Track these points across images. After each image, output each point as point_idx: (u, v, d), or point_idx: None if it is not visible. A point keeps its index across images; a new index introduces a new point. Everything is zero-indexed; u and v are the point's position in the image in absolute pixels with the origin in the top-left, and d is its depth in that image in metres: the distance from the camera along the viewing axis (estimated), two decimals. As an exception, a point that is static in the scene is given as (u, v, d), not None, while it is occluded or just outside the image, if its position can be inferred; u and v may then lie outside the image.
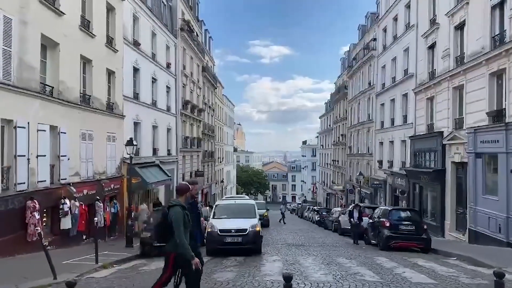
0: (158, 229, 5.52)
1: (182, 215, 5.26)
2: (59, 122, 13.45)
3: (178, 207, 5.29)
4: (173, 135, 27.86)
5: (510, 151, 13.28)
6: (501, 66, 14.16)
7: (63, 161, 13.72)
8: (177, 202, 5.38)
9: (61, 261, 10.31)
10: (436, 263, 10.37)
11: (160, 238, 5.46)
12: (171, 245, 5.26)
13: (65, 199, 13.48)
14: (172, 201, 5.44)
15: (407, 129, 24.34)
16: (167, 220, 5.27)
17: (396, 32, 27.47)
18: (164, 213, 5.41)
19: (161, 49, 25.39)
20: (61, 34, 13.63)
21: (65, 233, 13.69)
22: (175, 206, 5.30)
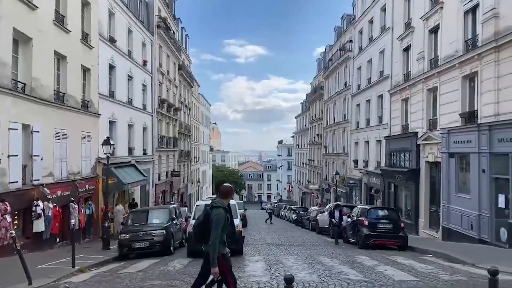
0: (199, 229, 5.38)
1: (224, 218, 5.18)
2: (32, 121, 12.90)
3: (221, 209, 5.22)
4: (149, 134, 27.34)
5: (482, 151, 13.82)
6: (473, 69, 14.70)
7: (36, 161, 13.17)
8: (221, 204, 5.30)
9: (36, 266, 9.90)
10: (414, 260, 10.63)
11: (200, 237, 5.36)
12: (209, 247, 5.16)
13: (38, 200, 12.94)
14: (217, 202, 5.33)
15: (382, 129, 24.91)
16: (209, 220, 5.17)
17: (372, 34, 28.05)
18: (206, 213, 5.30)
19: (137, 46, 24.85)
20: (34, 29, 13.07)
21: (38, 236, 13.15)
22: (219, 208, 5.22)
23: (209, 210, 5.26)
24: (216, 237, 5.04)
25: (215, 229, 5.05)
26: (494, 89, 13.28)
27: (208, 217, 5.21)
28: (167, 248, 13.09)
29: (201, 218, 5.35)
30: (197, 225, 5.40)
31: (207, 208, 5.32)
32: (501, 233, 12.91)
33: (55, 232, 14.08)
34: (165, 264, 10.83)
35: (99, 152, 17.57)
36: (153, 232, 13.02)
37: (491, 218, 13.45)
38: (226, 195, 5.46)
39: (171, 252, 13.21)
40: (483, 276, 8.14)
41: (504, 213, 12.81)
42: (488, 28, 13.70)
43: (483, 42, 13.92)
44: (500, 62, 13.11)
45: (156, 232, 13.01)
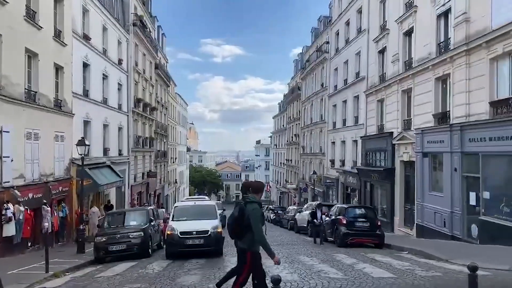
0: (234, 225, 5.34)
1: (260, 212, 5.21)
2: (1, 120, 12.37)
3: (256, 204, 5.22)
4: (124, 135, 26.77)
5: (454, 150, 14.30)
6: (445, 72, 15.19)
7: (6, 163, 12.64)
8: (255, 199, 5.30)
9: (7, 271, 9.52)
10: (391, 258, 10.87)
11: (235, 234, 5.35)
12: (246, 243, 5.21)
13: (8, 203, 12.44)
14: (250, 197, 5.34)
15: (358, 129, 25.36)
16: (244, 216, 5.14)
17: (348, 36, 28.51)
18: (241, 208, 5.27)
19: (112, 45, 24.29)
20: (3, 25, 12.55)
21: (8, 241, 12.63)
22: (253, 203, 5.22)
23: (243, 206, 5.27)
24: (261, 230, 5.08)
25: (256, 224, 5.07)
26: (465, 90, 13.77)
27: (243, 212, 5.20)
28: (145, 251, 12.86)
29: (236, 214, 5.33)
30: (232, 221, 5.40)
31: (241, 204, 5.34)
32: (472, 230, 13.40)
33: (26, 236, 13.57)
34: (144, 266, 10.63)
35: (73, 152, 17.06)
36: (131, 234, 12.75)
37: (462, 215, 13.94)
38: (258, 191, 5.55)
39: (149, 254, 12.99)
40: (457, 272, 8.44)
41: (475, 210, 13.31)
42: (459, 32, 14.19)
43: (455, 45, 14.40)
44: (471, 65, 13.60)
45: (133, 234, 12.75)
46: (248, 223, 5.13)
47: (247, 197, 5.39)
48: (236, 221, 5.31)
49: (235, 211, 5.42)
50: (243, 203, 5.32)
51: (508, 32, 11.65)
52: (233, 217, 5.39)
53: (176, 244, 11.85)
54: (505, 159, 12.14)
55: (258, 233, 5.07)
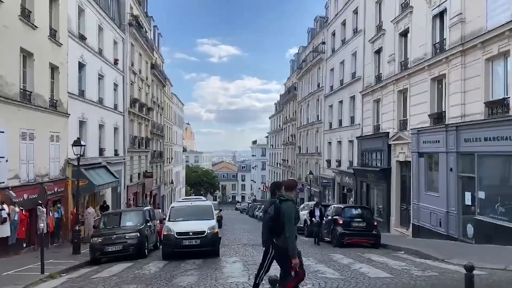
0: (271, 222, 5.42)
1: (295, 210, 5.32)
2: (-4, 120, 12.28)
3: (290, 202, 5.37)
4: (120, 135, 26.66)
5: (449, 150, 14.37)
6: (441, 72, 15.27)
7: (1, 163, 12.54)
8: (289, 197, 5.43)
9: (2, 272, 9.48)
10: (387, 258, 10.90)
11: (271, 231, 5.43)
12: (283, 240, 5.29)
13: (3, 204, 12.34)
14: (285, 196, 5.46)
15: (354, 129, 25.42)
16: (279, 214, 5.24)
17: (344, 37, 28.58)
18: (276, 207, 5.36)
19: (108, 44, 24.19)
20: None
21: (3, 242, 12.53)
22: (288, 201, 5.36)
23: (279, 204, 5.37)
24: (292, 230, 5.21)
25: (289, 222, 5.20)
26: (461, 91, 13.85)
27: (279, 210, 5.30)
28: (141, 251, 12.81)
29: (272, 212, 5.43)
30: (268, 219, 5.49)
31: (276, 203, 5.43)
32: (468, 229, 13.47)
33: (21, 237, 13.47)
34: (140, 267, 10.59)
35: (69, 153, 16.97)
36: (127, 235, 12.69)
37: (458, 215, 14.01)
38: (291, 188, 5.67)
39: (145, 255, 12.95)
40: (453, 271, 8.48)
41: (471, 210, 13.38)
42: (455, 32, 14.27)
43: (450, 45, 14.48)
44: (466, 65, 13.68)
45: (129, 235, 12.69)
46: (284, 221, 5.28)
47: (281, 195, 5.52)
48: (272, 218, 5.42)
49: (270, 209, 5.52)
50: (278, 202, 5.44)
51: (503, 33, 11.72)
52: (269, 216, 5.49)
53: (172, 244, 11.82)
54: (500, 159, 12.22)
55: (289, 231, 5.22)
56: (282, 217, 5.25)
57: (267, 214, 5.54)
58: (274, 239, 5.46)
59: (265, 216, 5.62)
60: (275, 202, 5.46)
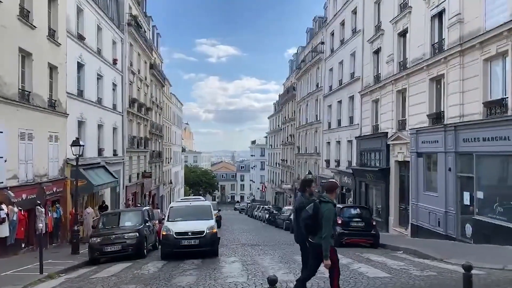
0: (309, 221, 5.59)
1: (334, 213, 5.55)
2: (-6, 120, 12.27)
3: (331, 204, 5.54)
4: (119, 135, 26.65)
5: (448, 150, 14.40)
6: (440, 72, 15.29)
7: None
8: (330, 199, 5.61)
9: (0, 273, 9.44)
10: (386, 257, 10.90)
11: (309, 231, 5.62)
12: (319, 238, 5.45)
13: (1, 204, 12.31)
14: (325, 197, 5.62)
15: (353, 129, 25.44)
16: (318, 214, 5.45)
17: (343, 37, 28.60)
18: (316, 207, 5.53)
19: (107, 44, 24.17)
20: (-4, 24, 12.44)
21: (2, 242, 12.51)
22: (328, 203, 5.53)
23: (318, 204, 5.53)
24: (329, 231, 5.39)
25: (327, 224, 5.38)
26: (459, 91, 13.87)
27: (318, 211, 5.49)
28: (140, 251, 12.80)
29: (311, 211, 5.58)
30: (306, 218, 5.63)
31: (316, 202, 5.59)
32: (466, 229, 13.50)
33: (20, 237, 13.45)
34: (139, 267, 10.59)
35: (68, 153, 16.96)
36: (126, 235, 12.69)
37: (456, 215, 14.04)
38: (332, 190, 5.78)
39: (144, 255, 12.94)
40: (451, 271, 8.49)
41: (469, 210, 13.40)
42: (453, 32, 14.29)
43: (449, 46, 14.50)
44: (465, 66, 13.71)
45: (128, 235, 12.69)
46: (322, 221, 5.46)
47: (323, 196, 5.68)
48: (310, 218, 5.58)
49: (309, 208, 5.66)
50: (318, 202, 5.60)
51: (501, 33, 11.75)
52: (307, 214, 5.64)
53: (171, 244, 11.82)
54: (499, 159, 12.25)
55: (326, 232, 5.40)
56: (321, 218, 5.44)
57: (305, 212, 5.70)
58: (309, 237, 5.68)
59: (303, 214, 5.77)
60: (315, 202, 5.64)
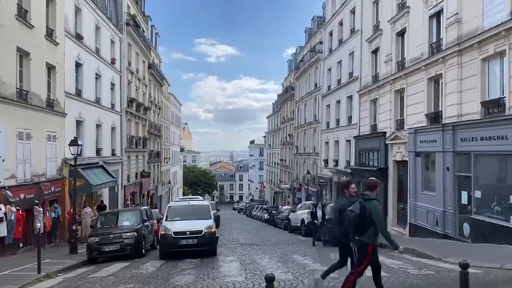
0: (357, 222, 5.67)
1: (380, 208, 5.68)
2: (-8, 120, 12.24)
3: (375, 201, 5.66)
4: (117, 135, 26.62)
5: (446, 150, 14.42)
6: (438, 72, 15.32)
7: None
8: (374, 197, 5.73)
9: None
10: (384, 256, 10.89)
11: (357, 230, 5.71)
12: (367, 237, 5.61)
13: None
14: (369, 195, 5.74)
15: (351, 129, 25.47)
16: (365, 213, 5.55)
17: (341, 36, 28.62)
18: (362, 206, 5.63)
19: (105, 44, 24.14)
20: (-6, 23, 12.41)
21: (0, 241, 12.48)
22: (373, 200, 5.66)
23: (364, 203, 5.65)
24: (384, 227, 5.59)
25: (378, 219, 5.54)
26: (457, 90, 13.90)
27: (365, 209, 5.59)
28: (139, 251, 12.80)
29: (358, 211, 5.65)
30: (354, 218, 5.70)
31: (362, 202, 5.69)
32: (464, 229, 13.53)
33: (18, 237, 13.43)
34: (137, 267, 10.59)
35: (66, 152, 16.94)
36: (124, 234, 12.69)
37: (454, 214, 14.06)
38: (373, 188, 5.88)
39: (142, 254, 12.94)
40: (449, 270, 8.51)
41: (467, 209, 13.42)
42: (451, 32, 14.32)
43: (447, 45, 14.52)
44: (463, 65, 13.73)
45: (127, 234, 12.69)
46: (370, 219, 5.55)
47: (366, 194, 5.79)
48: (358, 217, 5.67)
49: (354, 208, 5.74)
50: (363, 200, 5.71)
51: (499, 33, 11.77)
52: (355, 215, 5.71)
53: (169, 244, 11.82)
54: (496, 158, 12.28)
55: (381, 228, 5.59)
56: (370, 216, 5.56)
57: (351, 213, 5.77)
58: (356, 236, 5.79)
59: (349, 214, 5.84)
60: (360, 201, 5.74)
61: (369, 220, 5.56)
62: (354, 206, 5.75)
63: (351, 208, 5.80)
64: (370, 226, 5.58)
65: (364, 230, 5.62)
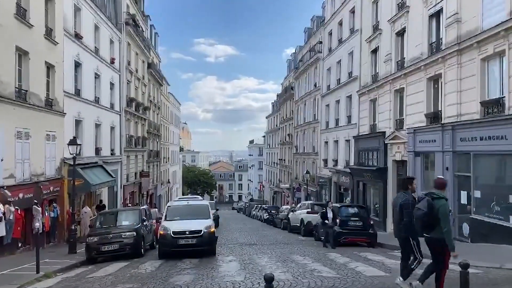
0: (426, 218, 5.83)
1: (448, 207, 5.83)
2: (-9, 119, 12.20)
3: (443, 199, 5.82)
4: (117, 134, 26.58)
5: (445, 150, 14.42)
6: (437, 72, 15.31)
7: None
8: (442, 195, 5.89)
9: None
10: (383, 256, 10.93)
11: (425, 228, 5.88)
12: (435, 233, 5.81)
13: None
14: (437, 193, 5.92)
15: (351, 129, 25.46)
16: (433, 211, 5.71)
17: (341, 36, 28.61)
18: (429, 204, 5.79)
19: (104, 43, 24.10)
20: (-7, 22, 12.37)
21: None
22: (441, 199, 5.82)
23: (431, 201, 5.81)
24: (449, 225, 5.71)
25: (445, 218, 5.68)
26: (457, 90, 13.89)
27: (432, 207, 5.76)
28: (138, 251, 12.77)
29: (425, 209, 5.81)
30: (422, 216, 5.87)
31: (429, 200, 5.85)
32: (464, 228, 13.53)
33: (17, 237, 13.39)
34: (136, 266, 10.56)
35: (65, 152, 16.91)
36: (123, 234, 12.65)
37: (454, 214, 14.01)
38: (442, 187, 6.10)
39: (141, 254, 12.91)
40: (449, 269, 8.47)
41: (466, 209, 13.42)
42: (451, 32, 14.31)
43: (447, 45, 14.51)
44: (462, 65, 13.73)
45: (126, 234, 12.66)
46: (437, 216, 5.73)
47: (433, 193, 5.97)
48: (426, 215, 5.82)
49: (422, 206, 5.89)
50: (430, 199, 5.85)
51: (498, 33, 11.77)
52: (422, 212, 5.86)
53: (169, 244, 11.80)
54: (496, 158, 12.28)
55: (447, 226, 5.70)
56: (437, 213, 5.70)
57: (419, 210, 5.91)
58: (425, 233, 5.94)
59: (417, 212, 5.98)
60: (428, 199, 5.88)
61: (436, 218, 5.74)
62: (421, 204, 5.94)
63: (418, 206, 5.99)
64: (438, 223, 5.76)
65: (432, 227, 5.81)
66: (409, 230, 6.35)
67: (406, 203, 6.40)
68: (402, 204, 6.49)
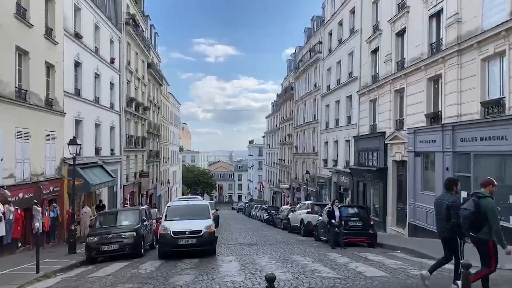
0: (473, 217, 5.79)
1: (495, 205, 5.81)
2: (-9, 119, 12.19)
3: (489, 198, 5.83)
4: (116, 134, 26.57)
5: (445, 150, 14.41)
6: (437, 72, 15.31)
7: (-4, 162, 12.45)
8: (488, 194, 5.89)
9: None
10: (384, 257, 10.92)
11: (473, 227, 5.85)
12: (484, 234, 5.78)
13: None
14: (483, 193, 5.93)
15: (351, 129, 25.45)
16: (480, 210, 5.69)
17: (341, 36, 28.60)
18: (476, 204, 5.77)
19: (104, 43, 24.09)
20: (-7, 22, 12.36)
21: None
22: (487, 198, 5.82)
23: (478, 201, 5.80)
24: (498, 223, 5.71)
25: (494, 216, 5.68)
26: (457, 91, 13.89)
27: (479, 207, 5.74)
28: (138, 251, 12.77)
29: (472, 209, 5.80)
30: (470, 215, 5.84)
31: (475, 199, 5.85)
32: (464, 229, 13.50)
33: (16, 237, 13.38)
34: (136, 267, 10.55)
35: (65, 152, 16.90)
36: (123, 234, 12.65)
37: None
38: (487, 185, 6.09)
39: (141, 254, 12.91)
40: (449, 270, 8.45)
41: (466, 209, 13.39)
42: (451, 32, 14.31)
43: (447, 45, 14.51)
44: (463, 65, 13.72)
45: (126, 234, 12.65)
46: (484, 216, 5.70)
47: (479, 192, 5.98)
48: (473, 214, 5.80)
49: (468, 206, 5.89)
50: (476, 198, 5.85)
51: (499, 33, 11.76)
52: (469, 212, 5.85)
53: (169, 244, 11.79)
54: (496, 158, 12.27)
55: (496, 224, 5.68)
56: (484, 212, 5.69)
57: (466, 210, 5.90)
58: (472, 233, 5.93)
59: (464, 212, 5.97)
60: (474, 199, 5.88)
61: (483, 217, 5.71)
62: (467, 204, 5.93)
63: (465, 206, 5.97)
64: (485, 223, 5.73)
65: (480, 227, 5.79)
66: (457, 231, 6.35)
67: (454, 204, 6.33)
68: (450, 205, 6.40)
